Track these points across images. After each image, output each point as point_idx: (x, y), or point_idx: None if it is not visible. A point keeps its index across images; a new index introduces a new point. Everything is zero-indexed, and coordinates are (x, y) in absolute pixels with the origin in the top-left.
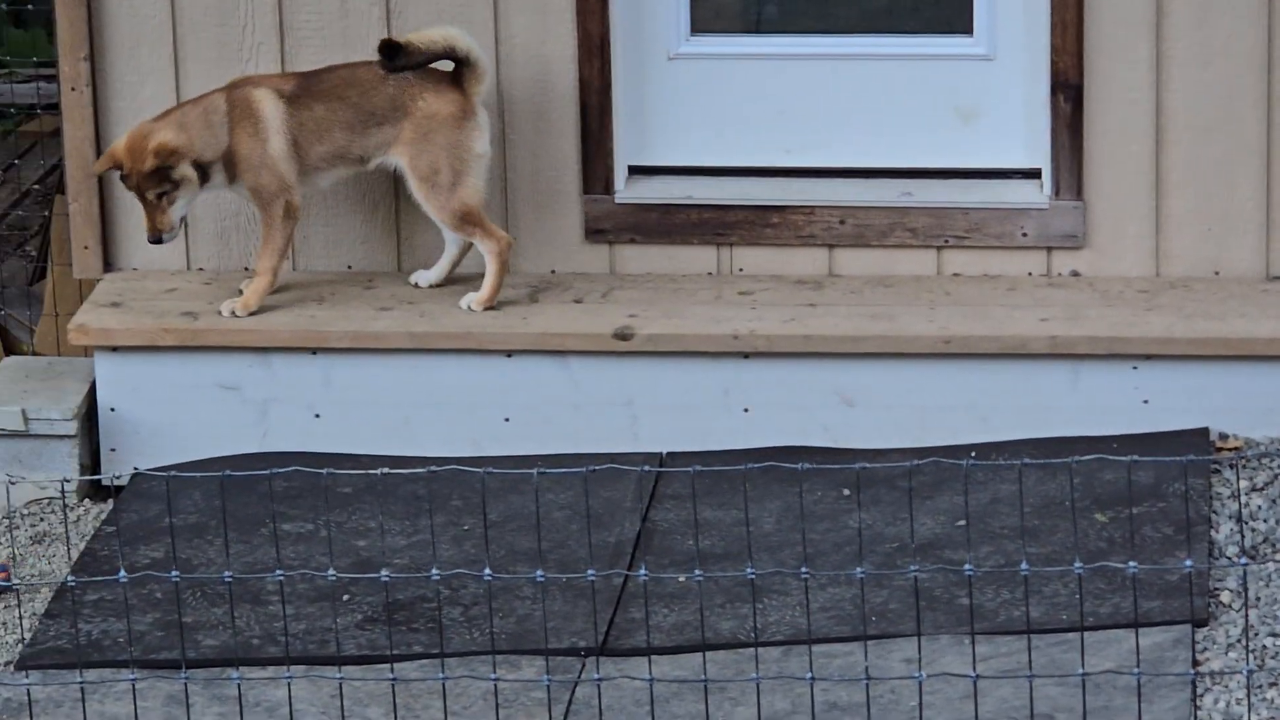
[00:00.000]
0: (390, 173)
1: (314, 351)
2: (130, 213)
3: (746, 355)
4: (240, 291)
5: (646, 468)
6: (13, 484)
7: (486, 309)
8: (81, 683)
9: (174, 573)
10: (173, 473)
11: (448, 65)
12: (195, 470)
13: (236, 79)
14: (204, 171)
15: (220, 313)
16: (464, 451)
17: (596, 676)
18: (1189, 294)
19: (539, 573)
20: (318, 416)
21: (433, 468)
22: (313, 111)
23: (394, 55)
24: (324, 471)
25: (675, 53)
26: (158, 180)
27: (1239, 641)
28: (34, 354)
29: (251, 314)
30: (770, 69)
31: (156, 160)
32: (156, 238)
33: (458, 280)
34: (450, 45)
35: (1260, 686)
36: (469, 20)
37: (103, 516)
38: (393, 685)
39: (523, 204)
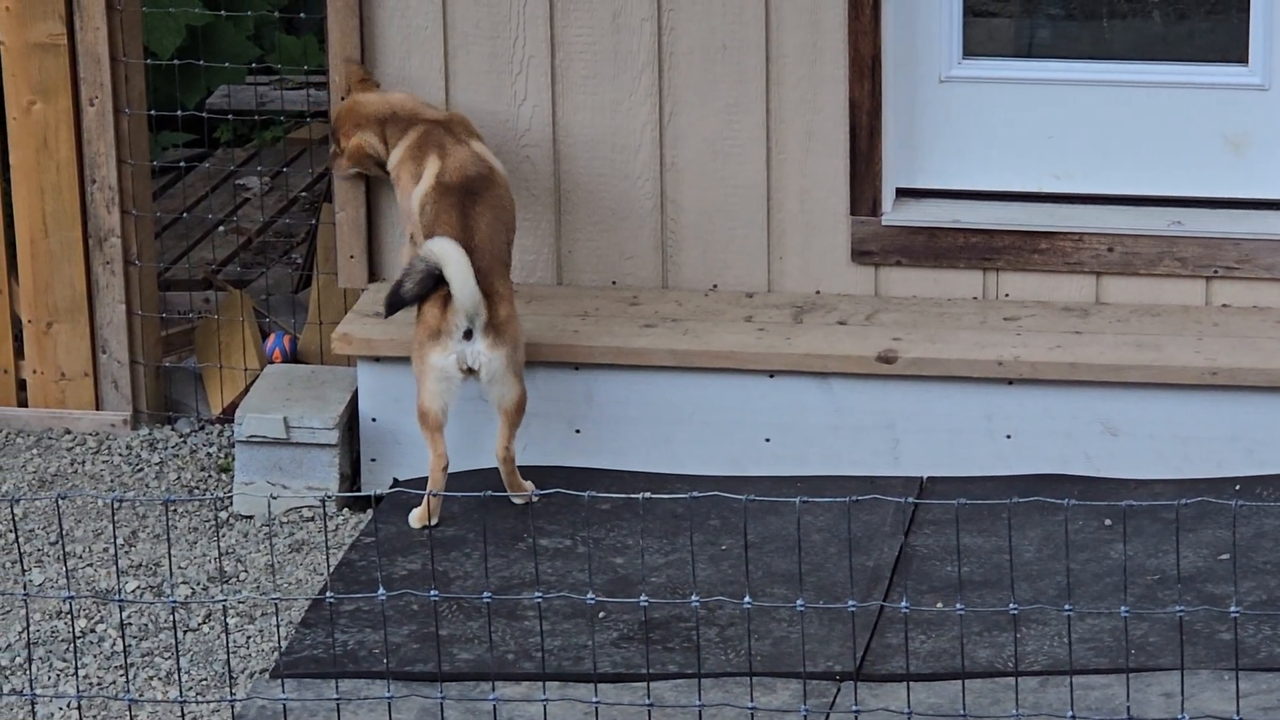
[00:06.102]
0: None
1: (576, 367)
2: (396, 223)
3: (1010, 382)
4: None
5: (907, 499)
6: (274, 498)
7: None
8: (336, 699)
9: (433, 591)
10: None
11: None
12: (455, 483)
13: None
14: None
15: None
16: (724, 471)
17: (855, 707)
18: None
19: (799, 602)
20: (578, 432)
21: (694, 493)
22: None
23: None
24: (585, 495)
25: (947, 75)
26: None
27: None
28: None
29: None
30: (1042, 94)
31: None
32: None
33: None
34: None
35: None
36: (742, 39)
37: (360, 526)
38: (648, 710)
39: (788, 222)
